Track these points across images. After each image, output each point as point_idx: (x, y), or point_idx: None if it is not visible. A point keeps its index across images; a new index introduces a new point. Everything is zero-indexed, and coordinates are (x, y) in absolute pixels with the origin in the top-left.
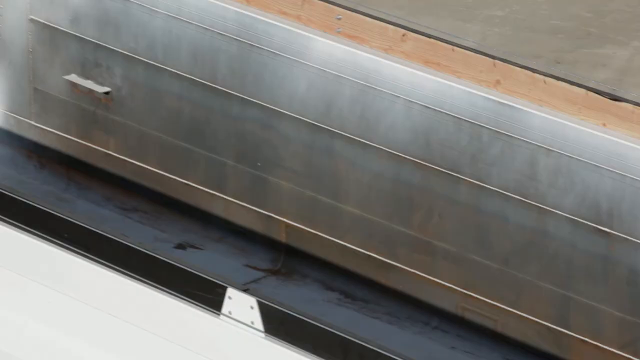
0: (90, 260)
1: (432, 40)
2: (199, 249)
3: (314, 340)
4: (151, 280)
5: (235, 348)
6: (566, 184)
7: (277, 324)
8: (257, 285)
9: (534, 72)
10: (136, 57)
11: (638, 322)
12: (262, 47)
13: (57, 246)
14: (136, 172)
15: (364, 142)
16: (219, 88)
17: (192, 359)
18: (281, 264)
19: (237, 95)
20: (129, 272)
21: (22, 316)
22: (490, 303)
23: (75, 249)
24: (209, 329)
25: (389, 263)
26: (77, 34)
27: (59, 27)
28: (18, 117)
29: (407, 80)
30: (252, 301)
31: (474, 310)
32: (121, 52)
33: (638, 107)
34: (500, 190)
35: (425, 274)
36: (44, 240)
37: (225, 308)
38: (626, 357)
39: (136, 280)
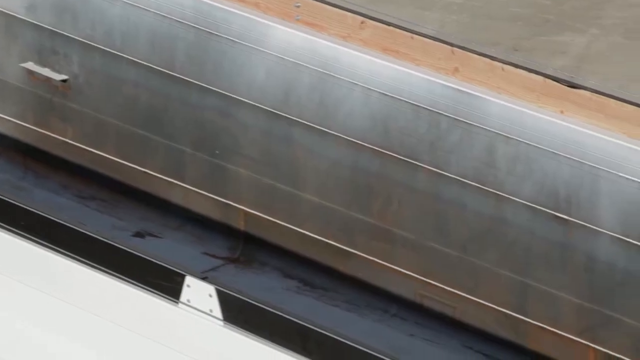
0: (45, 248)
1: (390, 27)
2: (157, 237)
3: (272, 328)
4: (109, 269)
5: (193, 336)
6: (524, 171)
7: (235, 312)
8: (216, 274)
9: (492, 59)
10: (93, 44)
11: (595, 309)
12: (220, 34)
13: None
14: (94, 160)
15: (322, 130)
16: (177, 76)
17: (151, 347)
18: (240, 252)
19: (195, 83)
20: (86, 260)
21: None
22: (448, 290)
23: (32, 237)
24: (167, 317)
25: (347, 251)
26: (33, 22)
27: (16, 15)
28: None
29: (365, 68)
30: (210, 289)
31: (433, 297)
32: (78, 40)
33: (596, 94)
34: (459, 178)
35: (384, 261)
36: None
37: (183, 296)
38: (584, 344)
39: (94, 269)
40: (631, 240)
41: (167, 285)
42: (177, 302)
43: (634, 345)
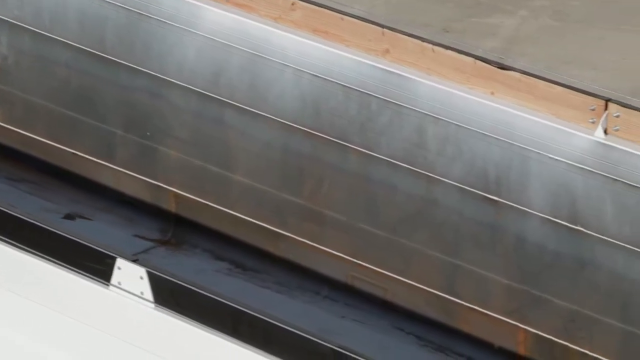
0: None
1: (320, 8)
2: (87, 219)
3: (203, 310)
4: (39, 251)
5: (124, 319)
6: (454, 153)
7: (166, 295)
8: (147, 256)
9: (422, 40)
10: (22, 25)
11: (524, 289)
12: (150, 15)
13: None
14: (24, 141)
15: (253, 112)
16: (107, 57)
17: (81, 330)
18: (171, 234)
19: (125, 64)
20: (16, 243)
21: None
22: (379, 272)
23: None
24: (98, 300)
25: (279, 232)
26: None
27: None
28: None
29: (296, 49)
30: (141, 271)
31: (364, 279)
32: (7, 21)
33: (525, 75)
34: (389, 159)
35: (315, 243)
36: None
37: (114, 279)
38: (512, 324)
39: (24, 251)
40: (560, 221)
41: (98, 267)
42: (107, 285)
43: (563, 325)
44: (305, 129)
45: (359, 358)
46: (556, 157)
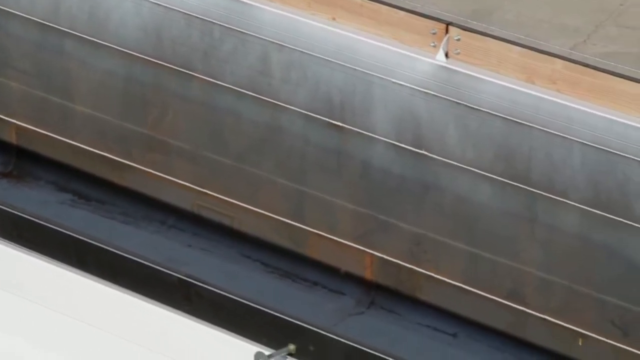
0: None
1: None
2: None
3: (48, 242)
4: None
5: None
6: (298, 79)
7: (10, 227)
8: None
9: None
10: None
11: (371, 214)
12: None
13: None
14: None
15: (94, 41)
16: None
17: None
18: (13, 166)
19: None
20: None
21: None
22: (225, 200)
23: None
24: None
25: (123, 163)
26: None
27: None
28: None
29: None
30: None
31: (210, 207)
32: None
33: (367, 0)
34: (234, 87)
35: (161, 172)
36: None
37: None
38: (359, 249)
39: None
40: (404, 146)
41: None
42: None
43: (409, 249)
44: (147, 57)
45: (207, 286)
46: (399, 82)
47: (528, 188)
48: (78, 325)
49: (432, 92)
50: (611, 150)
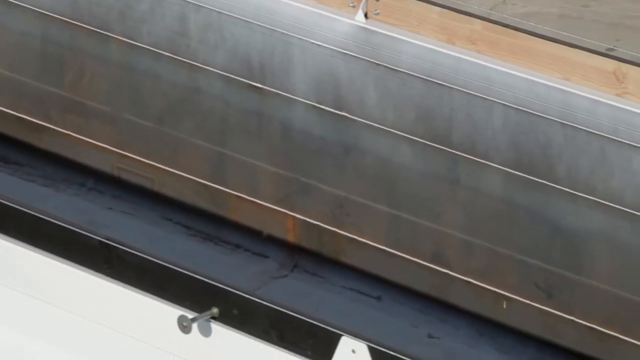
0: None
1: None
2: None
3: None
4: None
5: None
6: (217, 40)
7: None
8: None
9: None
10: None
11: (292, 177)
12: None
13: None
14: None
15: (8, 1)
16: None
17: None
18: None
19: None
20: None
21: None
22: (146, 162)
23: None
24: None
25: (42, 125)
26: None
27: None
28: None
29: None
30: None
31: (130, 170)
32: None
33: None
34: (151, 48)
35: (80, 135)
36: None
37: None
38: (281, 212)
39: None
40: (325, 107)
41: None
42: None
43: (331, 211)
44: (63, 18)
45: (128, 249)
46: (319, 43)
47: (449, 150)
48: None
49: (352, 53)
50: (532, 112)
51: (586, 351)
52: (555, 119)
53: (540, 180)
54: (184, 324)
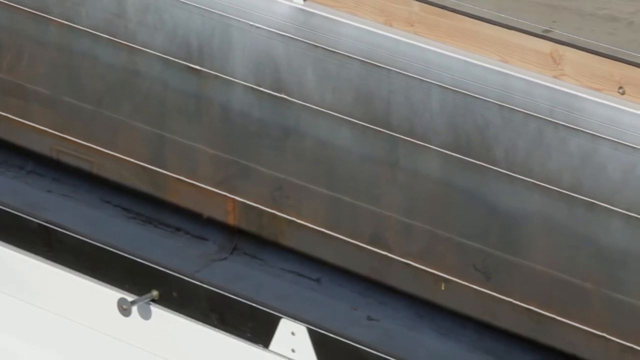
0: None
1: None
2: None
3: None
4: None
5: None
6: (156, 22)
7: None
8: None
9: None
10: None
11: (232, 159)
12: None
13: None
14: None
15: None
16: None
17: None
18: None
19: None
20: None
21: None
22: (85, 145)
23: None
24: None
25: None
26: None
27: None
28: None
29: None
30: None
31: (69, 152)
32: None
33: None
34: (90, 30)
35: (18, 117)
36: None
37: None
38: (221, 194)
39: None
40: (264, 90)
41: None
42: None
43: (271, 193)
44: (2, 1)
45: (67, 232)
46: (257, 25)
47: (388, 132)
48: None
49: (290, 35)
50: (470, 94)
51: (524, 332)
52: (493, 101)
53: (478, 162)
54: (124, 306)
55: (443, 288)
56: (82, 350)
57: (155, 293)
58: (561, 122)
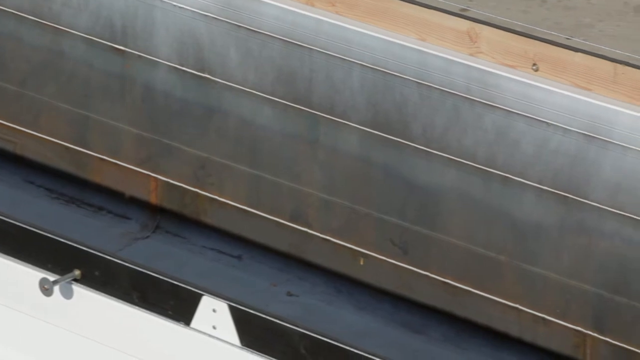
0: None
1: None
2: None
3: None
4: None
5: None
6: (79, 3)
7: None
8: None
9: None
10: None
11: (155, 139)
12: None
13: None
14: None
15: None
16: None
17: None
18: None
19: None
20: None
21: None
22: (8, 125)
23: None
24: None
25: None
26: None
27: None
28: None
29: None
30: None
31: None
32: None
33: None
34: (14, 11)
35: None
36: None
37: None
38: (144, 173)
39: None
40: (187, 69)
41: None
42: None
43: (193, 172)
44: None
45: None
46: (180, 5)
47: (309, 110)
48: None
49: (213, 15)
50: (389, 72)
51: (440, 305)
52: (411, 79)
53: (396, 139)
54: (46, 286)
55: (362, 263)
56: (3, 330)
57: (77, 272)
58: (477, 99)
